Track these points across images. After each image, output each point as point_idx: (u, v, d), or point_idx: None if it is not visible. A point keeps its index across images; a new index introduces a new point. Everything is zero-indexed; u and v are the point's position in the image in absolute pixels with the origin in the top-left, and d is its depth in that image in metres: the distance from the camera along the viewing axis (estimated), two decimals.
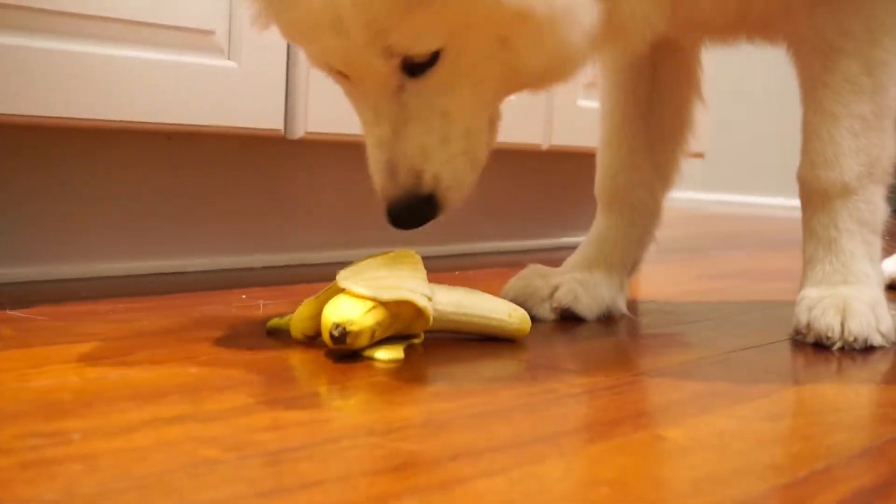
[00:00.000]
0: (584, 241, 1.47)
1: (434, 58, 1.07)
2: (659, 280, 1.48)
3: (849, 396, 1.08)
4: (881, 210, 1.31)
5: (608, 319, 1.41)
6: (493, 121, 1.18)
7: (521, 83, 1.17)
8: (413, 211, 1.13)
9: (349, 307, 1.08)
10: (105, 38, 1.47)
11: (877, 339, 1.24)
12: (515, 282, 1.41)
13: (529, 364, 1.17)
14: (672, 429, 0.91)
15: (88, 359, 1.04)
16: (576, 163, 2.24)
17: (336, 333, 1.07)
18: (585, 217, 1.49)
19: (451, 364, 1.13)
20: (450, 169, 1.13)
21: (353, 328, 1.07)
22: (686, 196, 1.41)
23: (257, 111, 1.65)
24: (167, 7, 1.54)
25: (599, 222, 1.46)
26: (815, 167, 1.29)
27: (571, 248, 1.47)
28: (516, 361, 1.17)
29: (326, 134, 1.74)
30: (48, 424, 0.82)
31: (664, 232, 1.51)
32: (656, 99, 1.45)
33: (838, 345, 1.23)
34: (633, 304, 1.50)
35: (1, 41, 1.36)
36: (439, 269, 1.52)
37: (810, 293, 1.28)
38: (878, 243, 1.32)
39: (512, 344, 1.22)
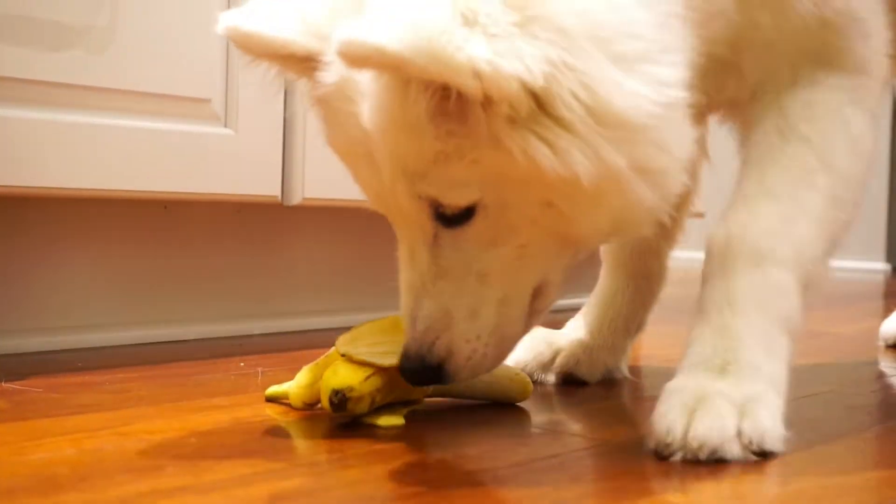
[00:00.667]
0: (588, 301, 1.46)
1: (469, 211, 0.97)
2: (659, 340, 1.47)
3: (847, 462, 1.07)
4: (794, 307, 1.07)
5: (610, 381, 1.40)
6: (544, 288, 1.05)
7: (585, 246, 1.05)
8: (419, 372, 1.03)
9: (349, 373, 1.07)
10: (103, 109, 1.47)
11: (731, 449, 0.96)
12: (520, 346, 1.40)
13: (532, 428, 1.15)
14: (678, 494, 0.90)
15: (85, 430, 1.03)
16: None
17: (336, 400, 1.06)
18: (588, 278, 1.48)
19: (452, 429, 1.12)
20: (469, 349, 1.02)
21: (353, 394, 1.06)
22: (686, 255, 1.40)
23: (254, 178, 1.65)
24: (164, 76, 1.54)
25: (604, 285, 1.44)
26: (726, 222, 1.09)
27: (574, 309, 1.46)
28: (519, 425, 1.15)
29: (323, 200, 1.74)
30: (45, 499, 0.81)
31: (664, 291, 1.50)
32: None
33: (679, 454, 0.96)
34: (634, 365, 1.49)
35: (3, 114, 1.36)
36: None
37: (674, 383, 1.03)
38: (783, 343, 1.05)
39: (514, 407, 1.21)
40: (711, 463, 0.96)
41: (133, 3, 1.49)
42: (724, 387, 1.00)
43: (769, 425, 0.99)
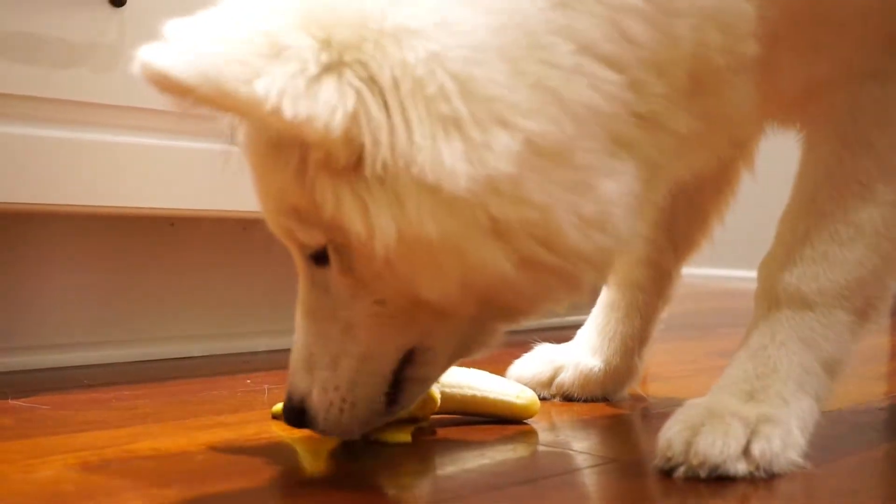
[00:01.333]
0: (591, 313, 1.44)
1: (326, 254, 0.92)
2: (667, 357, 1.47)
3: (855, 481, 1.06)
4: (842, 345, 1.03)
5: (618, 399, 1.39)
6: (421, 356, 0.98)
7: (459, 316, 0.94)
8: (292, 415, 1.00)
9: None
10: (111, 126, 1.48)
11: (736, 467, 0.95)
12: (520, 364, 1.40)
13: (539, 446, 1.15)
14: None
15: (91, 448, 1.03)
16: None
17: None
18: (592, 295, 1.47)
19: (459, 447, 1.11)
20: (327, 400, 0.97)
21: None
22: (692, 272, 1.40)
23: None
24: None
25: (602, 299, 1.42)
26: (774, 262, 1.05)
27: (578, 326, 1.46)
28: (525, 443, 1.15)
29: None
30: None
31: (671, 308, 1.49)
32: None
33: (682, 470, 0.95)
34: (642, 383, 1.48)
35: (8, 131, 1.36)
36: None
37: (693, 400, 1.02)
38: (821, 382, 1.02)
39: (521, 425, 1.20)
40: (720, 481, 0.96)
41: (140, 22, 1.49)
42: (742, 408, 0.99)
43: (780, 449, 0.97)
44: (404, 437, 1.09)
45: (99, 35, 1.45)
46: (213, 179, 1.58)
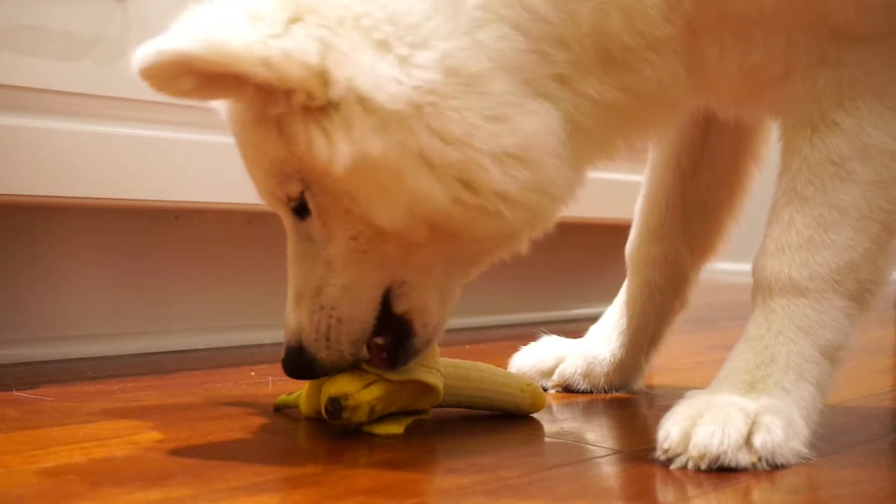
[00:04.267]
0: (606, 311, 1.44)
1: (305, 205, 1.02)
2: (671, 350, 1.46)
3: (859, 472, 1.06)
4: (840, 330, 1.04)
5: (620, 390, 1.39)
6: (399, 289, 1.04)
7: (421, 251, 1.02)
8: (289, 358, 1.08)
9: (346, 381, 1.07)
10: (115, 119, 1.48)
11: (738, 458, 0.96)
12: (523, 353, 1.40)
13: (545, 438, 1.15)
14: (692, 503, 0.90)
15: (96, 439, 1.03)
16: (589, 234, 2.24)
17: (331, 408, 1.05)
18: (599, 288, 1.47)
19: (464, 439, 1.11)
20: (315, 321, 1.05)
21: (349, 402, 1.05)
22: (722, 267, 1.40)
23: None
24: None
25: (620, 296, 1.42)
26: (765, 255, 1.06)
27: (586, 319, 1.45)
28: (531, 435, 1.15)
29: None
30: None
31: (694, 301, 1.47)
32: (706, 163, 1.34)
33: (680, 461, 0.96)
34: (648, 374, 1.48)
35: (11, 123, 1.36)
36: (451, 343, 1.51)
37: (694, 392, 1.03)
38: (822, 370, 1.03)
39: (526, 418, 1.20)
40: (723, 472, 0.96)
41: (144, 14, 1.49)
42: (742, 399, 1.00)
43: (782, 440, 0.98)
44: (395, 428, 1.09)
45: (103, 27, 1.45)
46: (218, 172, 1.58)
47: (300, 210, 1.03)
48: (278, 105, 0.95)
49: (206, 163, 1.57)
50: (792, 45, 1.05)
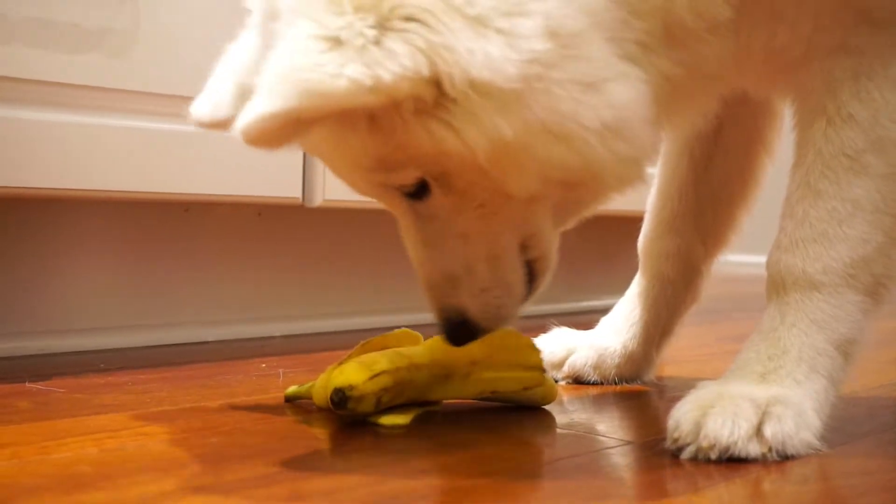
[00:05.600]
0: (618, 303, 1.44)
1: (424, 186, 1.00)
2: (681, 342, 1.46)
3: (869, 462, 1.06)
4: (854, 325, 1.04)
5: (631, 382, 1.39)
6: (531, 240, 1.06)
7: (545, 201, 1.04)
8: (454, 331, 1.07)
9: (353, 372, 1.07)
10: (125, 111, 1.48)
11: (748, 448, 0.96)
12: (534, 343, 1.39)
13: (556, 429, 1.15)
14: (698, 494, 0.90)
15: (107, 430, 1.03)
16: (601, 227, 2.23)
17: (336, 398, 1.06)
18: (610, 281, 1.47)
19: (475, 431, 1.11)
20: (480, 302, 1.05)
21: (354, 393, 1.05)
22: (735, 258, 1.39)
23: (275, 180, 1.66)
24: (185, 79, 1.54)
25: (631, 287, 1.42)
26: (779, 250, 1.06)
27: (597, 311, 1.45)
28: (542, 426, 1.15)
29: (344, 201, 1.74)
30: (67, 498, 0.81)
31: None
32: (719, 156, 1.34)
33: (689, 450, 0.96)
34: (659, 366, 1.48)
35: (21, 116, 1.37)
36: None
37: (705, 383, 1.04)
38: (835, 363, 1.03)
39: (538, 409, 1.20)
40: (734, 463, 0.96)
41: (153, 6, 1.50)
42: (753, 390, 1.00)
43: (793, 430, 0.98)
44: (401, 419, 1.09)
45: (112, 20, 1.46)
46: (228, 164, 1.58)
47: (417, 193, 1.00)
48: (388, 114, 0.92)
49: (215, 155, 1.57)
50: (818, 28, 1.04)
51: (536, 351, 1.19)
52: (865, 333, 1.05)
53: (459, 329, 1.06)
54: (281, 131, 0.86)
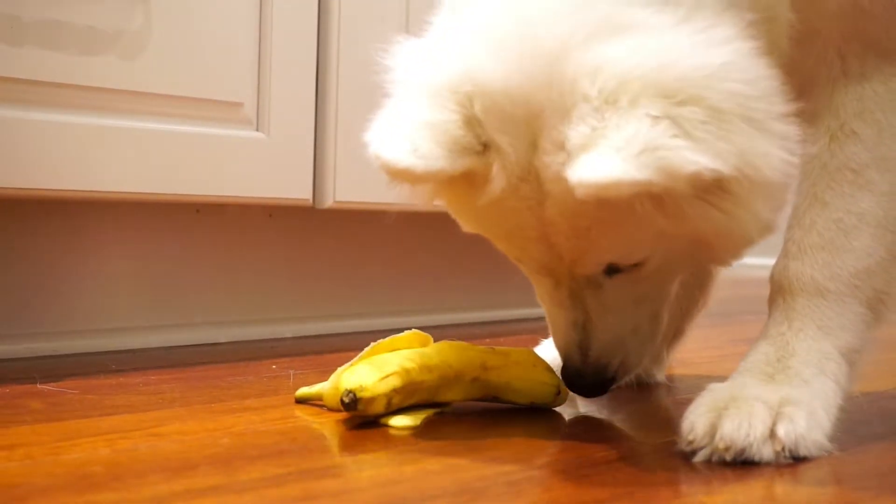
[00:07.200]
0: None
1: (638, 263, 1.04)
2: (692, 343, 1.46)
3: (882, 464, 1.06)
4: (858, 334, 1.06)
5: (646, 384, 1.38)
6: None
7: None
8: (594, 388, 1.12)
9: (364, 373, 1.07)
10: (137, 113, 1.48)
11: (761, 452, 0.96)
12: (544, 346, 1.39)
13: (566, 429, 1.15)
14: (710, 495, 0.89)
15: (119, 431, 1.04)
16: None
17: (346, 399, 1.06)
18: None
19: (486, 432, 1.11)
20: (635, 356, 1.12)
21: (364, 394, 1.05)
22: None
23: (286, 181, 1.66)
24: (196, 80, 1.55)
25: None
26: (786, 257, 1.09)
27: None
28: (552, 428, 1.15)
29: (355, 203, 1.74)
30: (80, 498, 0.81)
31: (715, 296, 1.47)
32: None
33: (704, 453, 0.97)
34: (669, 367, 1.48)
35: (34, 117, 1.37)
36: (473, 336, 1.51)
37: (715, 384, 1.04)
38: (841, 368, 1.04)
39: (548, 410, 1.20)
40: (745, 465, 0.96)
41: (166, 8, 1.50)
42: (764, 391, 1.00)
43: (805, 430, 0.98)
44: (411, 420, 1.09)
45: (125, 22, 1.46)
46: (239, 166, 1.59)
47: (622, 269, 1.04)
48: (672, 196, 0.93)
49: (226, 157, 1.57)
50: (826, 56, 1.07)
51: (551, 372, 1.19)
52: (868, 345, 1.07)
53: (604, 385, 1.11)
54: (614, 193, 0.88)
